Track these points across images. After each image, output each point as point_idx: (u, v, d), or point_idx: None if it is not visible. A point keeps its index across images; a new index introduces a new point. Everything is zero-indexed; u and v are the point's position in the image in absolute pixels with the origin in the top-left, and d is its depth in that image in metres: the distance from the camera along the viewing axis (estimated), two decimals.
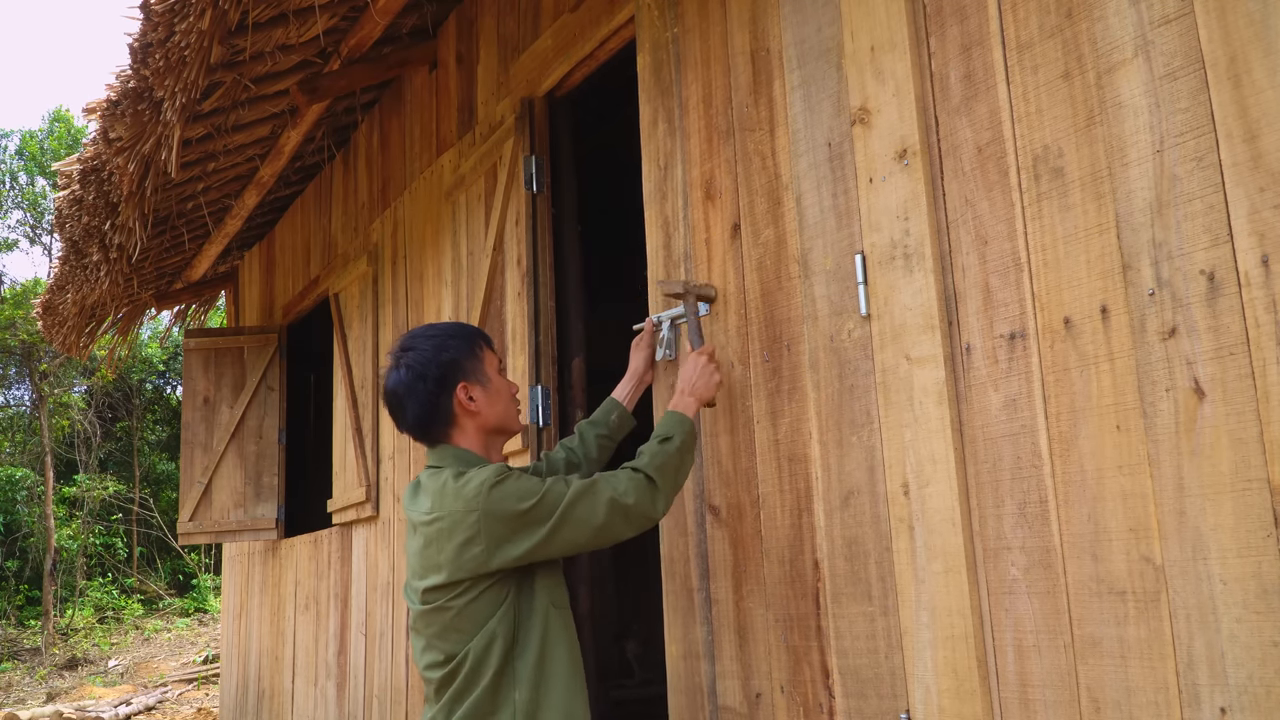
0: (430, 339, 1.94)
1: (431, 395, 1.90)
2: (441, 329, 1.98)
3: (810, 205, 2.02)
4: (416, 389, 1.90)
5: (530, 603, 1.82)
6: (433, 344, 1.92)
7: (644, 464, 1.89)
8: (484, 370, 1.95)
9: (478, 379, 1.93)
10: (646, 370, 2.36)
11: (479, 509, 1.74)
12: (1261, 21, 1.34)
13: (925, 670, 1.70)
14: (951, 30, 1.77)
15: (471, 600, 1.77)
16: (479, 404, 1.93)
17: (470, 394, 1.92)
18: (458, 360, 1.92)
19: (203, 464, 5.63)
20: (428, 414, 1.91)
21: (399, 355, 1.94)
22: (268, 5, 3.29)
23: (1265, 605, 1.29)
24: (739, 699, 2.10)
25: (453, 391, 1.90)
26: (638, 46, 2.61)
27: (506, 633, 1.78)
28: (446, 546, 1.77)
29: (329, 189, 5.22)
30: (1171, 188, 1.42)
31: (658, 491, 1.87)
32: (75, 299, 5.31)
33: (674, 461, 1.92)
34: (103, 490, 15.91)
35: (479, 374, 1.94)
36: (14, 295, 15.82)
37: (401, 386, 1.91)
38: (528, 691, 1.76)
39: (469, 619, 1.78)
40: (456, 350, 1.93)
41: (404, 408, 1.92)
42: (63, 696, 11.19)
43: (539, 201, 3.20)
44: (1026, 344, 1.60)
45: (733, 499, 2.16)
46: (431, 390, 1.90)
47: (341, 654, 4.54)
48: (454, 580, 1.77)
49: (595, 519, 1.79)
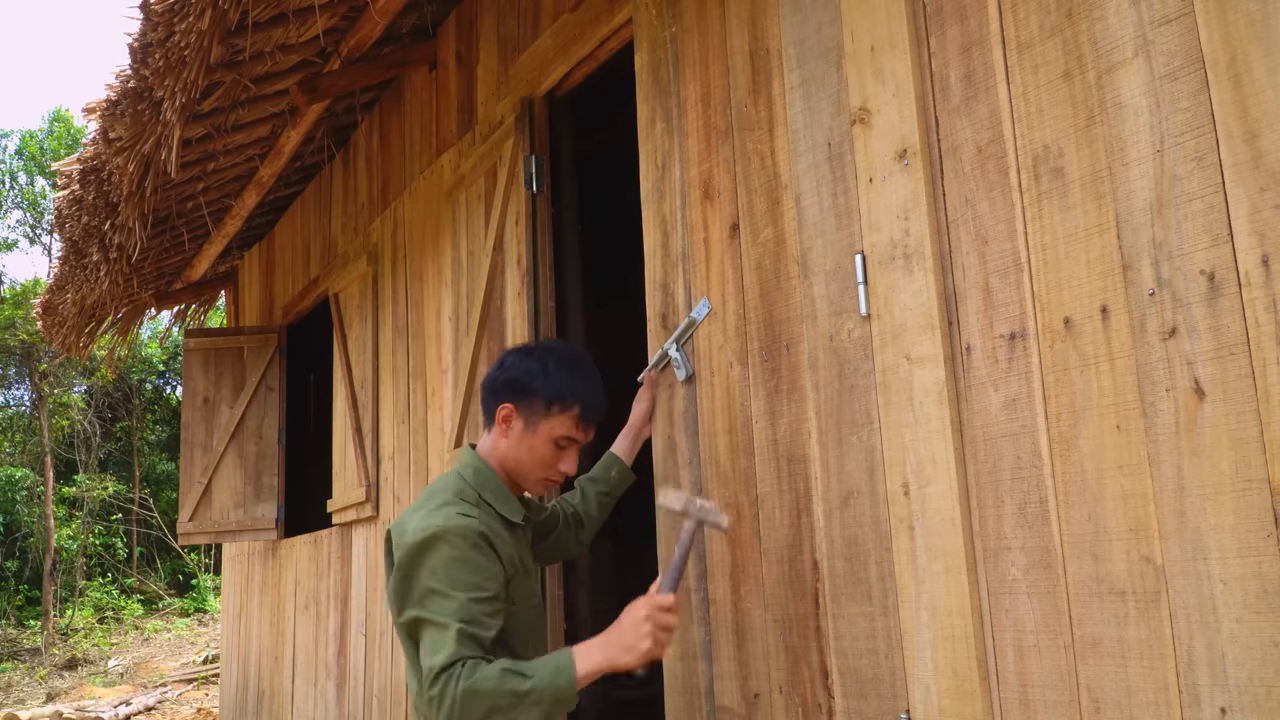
0: (546, 357, 1.95)
1: (492, 387, 1.98)
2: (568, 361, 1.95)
3: (810, 205, 2.02)
4: (492, 373, 1.99)
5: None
6: (535, 361, 1.95)
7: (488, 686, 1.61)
8: (539, 422, 1.92)
9: (526, 419, 1.93)
10: (645, 424, 2.36)
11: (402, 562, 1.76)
12: (1261, 21, 1.34)
13: (925, 670, 1.70)
14: (951, 30, 1.77)
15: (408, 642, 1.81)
16: (510, 436, 1.94)
17: (509, 421, 1.94)
18: (528, 388, 1.93)
19: (203, 464, 5.63)
20: (486, 401, 1.99)
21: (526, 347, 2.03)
22: (268, 5, 3.29)
23: (1265, 605, 1.29)
24: (737, 699, 2.09)
25: (501, 402, 1.95)
26: (635, 45, 2.61)
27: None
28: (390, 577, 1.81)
29: (329, 189, 5.22)
30: (1172, 188, 1.42)
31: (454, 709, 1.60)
32: (75, 299, 5.31)
33: (505, 703, 1.61)
34: (102, 490, 15.91)
35: (531, 419, 1.93)
36: (14, 295, 15.82)
37: (496, 366, 2.00)
38: None
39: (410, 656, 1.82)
40: (536, 384, 1.92)
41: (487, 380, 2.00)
42: (63, 696, 11.19)
43: (539, 201, 3.20)
44: (1026, 344, 1.60)
45: (731, 499, 2.16)
46: (494, 384, 1.98)
47: (341, 654, 4.53)
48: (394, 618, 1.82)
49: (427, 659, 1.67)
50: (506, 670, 1.63)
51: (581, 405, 1.92)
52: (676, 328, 2.33)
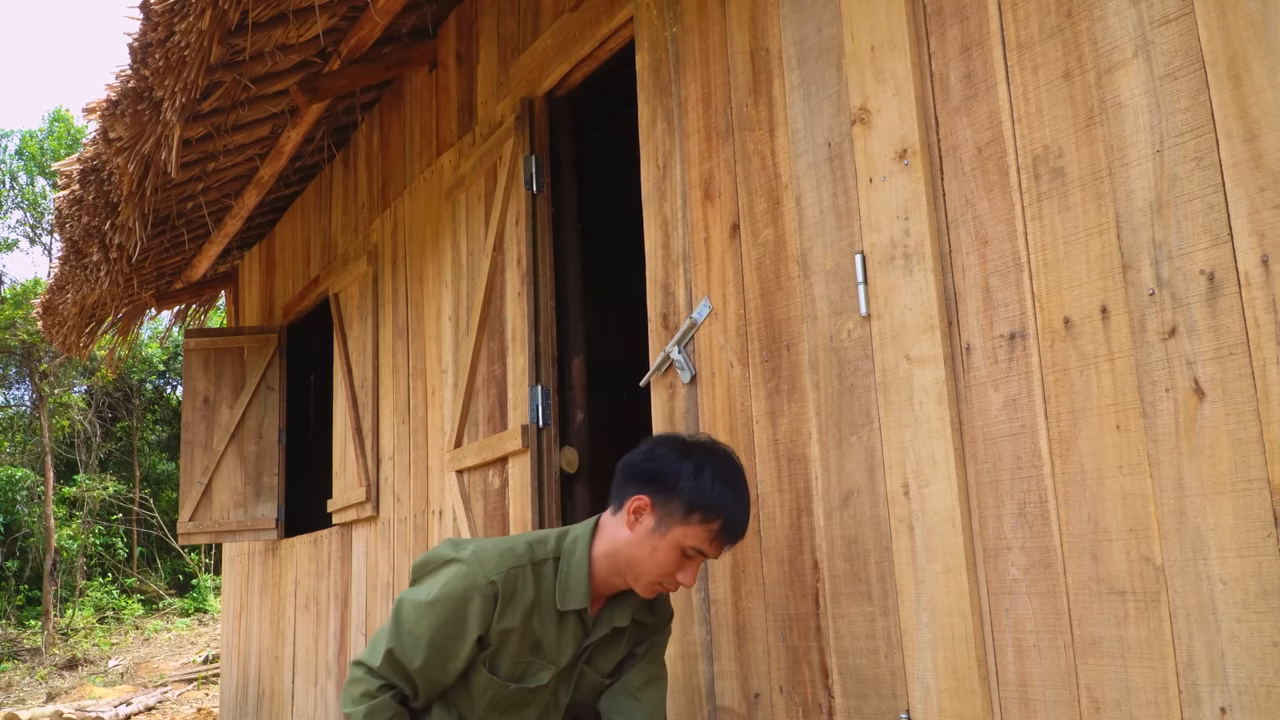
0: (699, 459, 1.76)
1: (631, 471, 1.81)
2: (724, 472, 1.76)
3: (810, 205, 2.02)
4: (636, 456, 1.82)
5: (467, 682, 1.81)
6: (691, 462, 1.75)
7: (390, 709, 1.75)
8: (674, 525, 1.74)
9: (659, 519, 1.75)
10: None
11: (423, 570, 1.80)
12: (1261, 21, 1.34)
13: (925, 670, 1.70)
14: (951, 30, 1.77)
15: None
16: (636, 530, 1.77)
17: (640, 515, 1.77)
18: (673, 488, 1.74)
19: (203, 464, 5.63)
20: (621, 483, 1.83)
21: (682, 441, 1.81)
22: (268, 5, 3.29)
23: (1265, 605, 1.29)
24: (737, 699, 2.09)
25: (635, 493, 1.78)
26: (636, 46, 2.61)
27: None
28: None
29: (329, 189, 5.22)
30: (1171, 188, 1.42)
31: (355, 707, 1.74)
32: (75, 299, 5.31)
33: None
34: (103, 490, 15.91)
35: (666, 520, 1.75)
36: (14, 295, 15.82)
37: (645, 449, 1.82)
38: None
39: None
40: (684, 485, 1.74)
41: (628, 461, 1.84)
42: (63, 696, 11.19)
43: (539, 201, 3.20)
44: (1026, 344, 1.60)
45: None
46: (634, 469, 1.80)
47: (341, 654, 4.53)
48: None
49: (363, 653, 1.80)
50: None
51: (724, 521, 1.73)
52: (678, 329, 2.33)
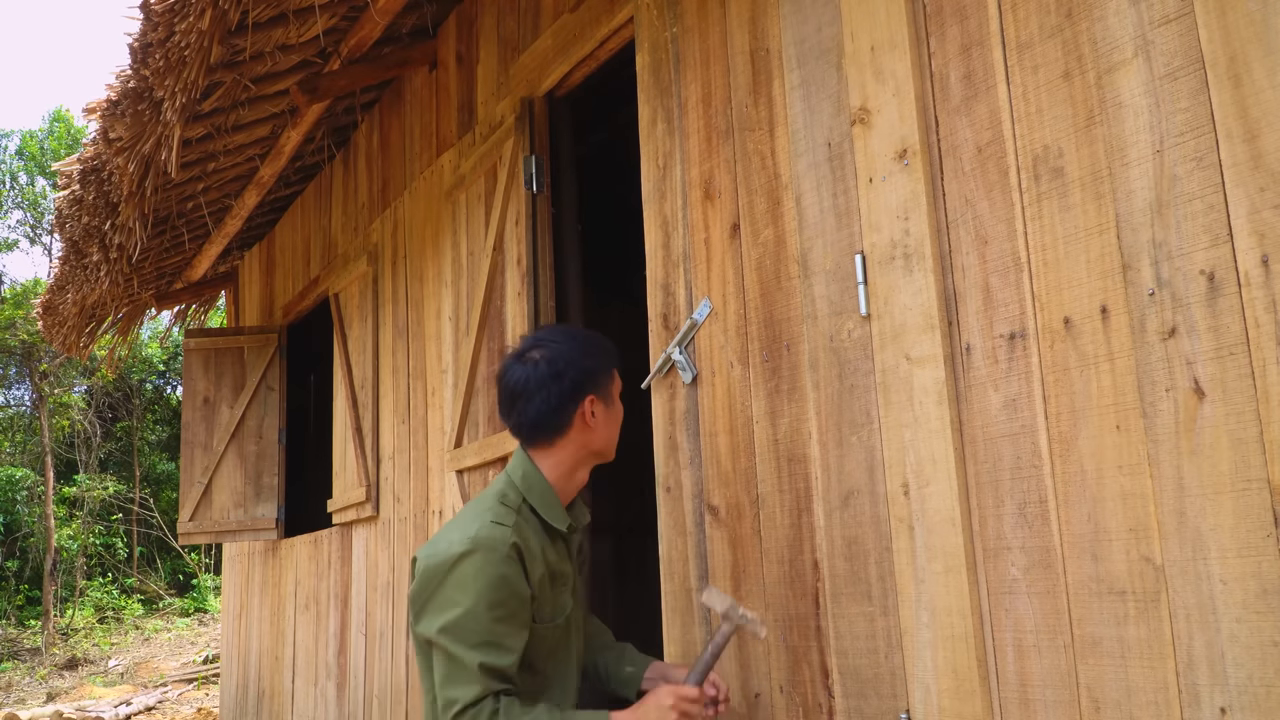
0: (573, 340, 1.85)
1: (562, 397, 1.81)
2: (584, 333, 1.89)
3: (810, 205, 2.02)
4: (550, 387, 1.81)
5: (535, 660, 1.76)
6: (577, 346, 1.84)
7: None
8: (611, 390, 1.89)
9: (605, 397, 1.86)
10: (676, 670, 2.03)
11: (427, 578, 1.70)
12: (1261, 21, 1.34)
13: (925, 670, 1.70)
14: (951, 30, 1.77)
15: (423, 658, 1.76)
16: (598, 422, 1.85)
17: (594, 409, 1.84)
18: (595, 371, 1.84)
19: (203, 464, 5.63)
20: (549, 416, 1.82)
21: (532, 347, 1.85)
22: (268, 5, 3.29)
23: (1265, 605, 1.29)
24: (737, 699, 2.10)
25: (581, 401, 1.83)
26: (637, 46, 2.61)
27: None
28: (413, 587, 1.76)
29: (329, 189, 5.22)
30: (1171, 188, 1.42)
31: None
32: (75, 299, 5.31)
33: None
34: (103, 490, 15.91)
35: (608, 392, 1.87)
36: (14, 295, 15.82)
37: (533, 380, 1.81)
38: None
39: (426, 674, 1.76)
40: (598, 360, 1.85)
41: (528, 401, 1.82)
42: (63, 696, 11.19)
43: (539, 201, 3.20)
44: (1026, 344, 1.60)
45: (731, 499, 2.16)
46: (564, 392, 1.81)
47: (341, 654, 4.54)
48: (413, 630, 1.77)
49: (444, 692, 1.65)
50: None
51: (614, 352, 1.88)
52: (679, 329, 2.33)
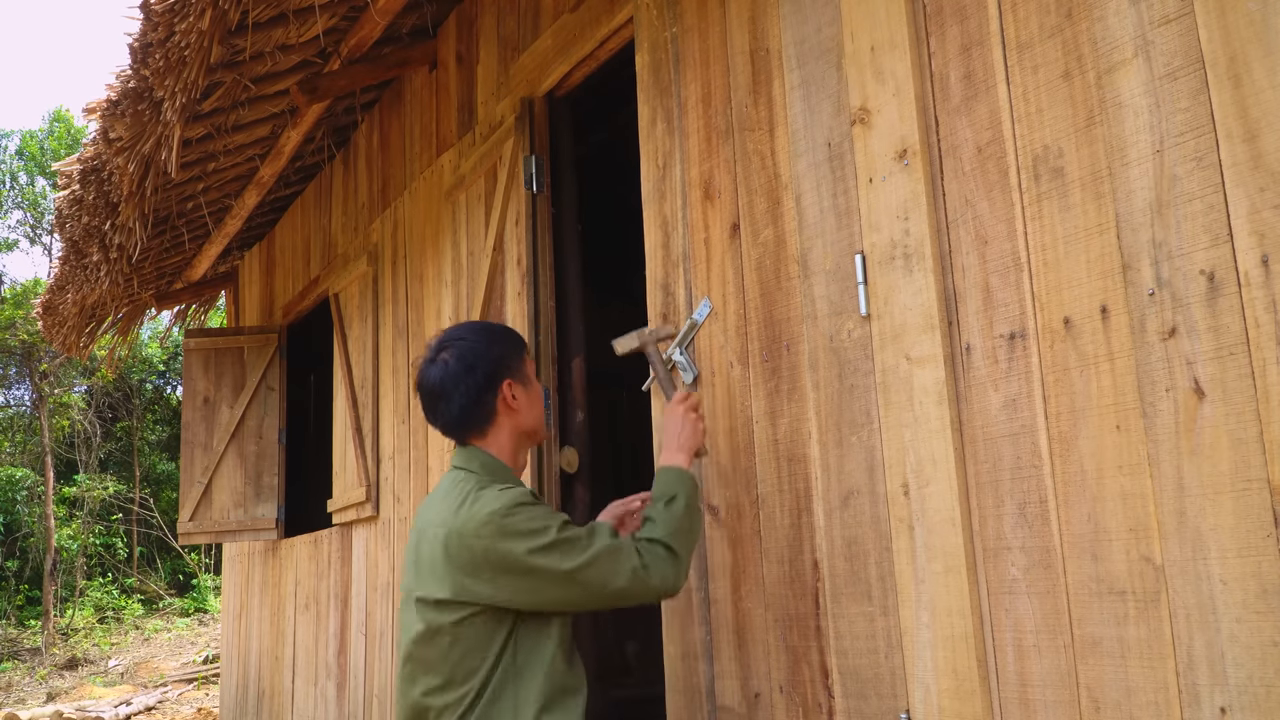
0: (479, 333, 1.94)
1: (479, 389, 1.88)
2: (487, 325, 1.99)
3: (810, 205, 2.02)
4: (465, 381, 1.87)
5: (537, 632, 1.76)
6: (482, 338, 1.92)
7: (659, 534, 1.82)
8: (525, 372, 1.96)
9: (521, 379, 1.94)
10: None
11: (488, 537, 1.70)
12: (1261, 21, 1.34)
13: (925, 670, 1.70)
14: (951, 30, 1.77)
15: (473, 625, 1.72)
16: (520, 404, 1.93)
17: (514, 392, 1.92)
18: (505, 357, 1.92)
19: (203, 464, 5.63)
20: (471, 408, 1.88)
21: (442, 347, 1.91)
22: (268, 5, 3.29)
23: (1265, 605, 1.29)
24: (738, 699, 2.09)
25: (499, 387, 1.90)
26: (636, 46, 2.61)
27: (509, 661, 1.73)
28: (450, 565, 1.73)
29: (329, 189, 5.22)
30: (1171, 188, 1.42)
31: (679, 562, 1.81)
32: (75, 299, 5.31)
33: (686, 524, 1.86)
34: (103, 490, 15.91)
35: (522, 374, 1.95)
36: (14, 295, 15.82)
37: (448, 377, 1.88)
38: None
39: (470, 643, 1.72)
40: (505, 347, 1.94)
41: (447, 400, 1.88)
42: (63, 696, 11.19)
43: (539, 201, 3.20)
44: (1026, 344, 1.60)
45: (731, 499, 2.16)
46: (480, 384, 1.88)
47: (341, 654, 4.54)
48: (455, 600, 1.72)
49: (613, 584, 1.72)
50: (661, 516, 1.85)
51: (520, 337, 1.99)
52: (678, 330, 2.33)
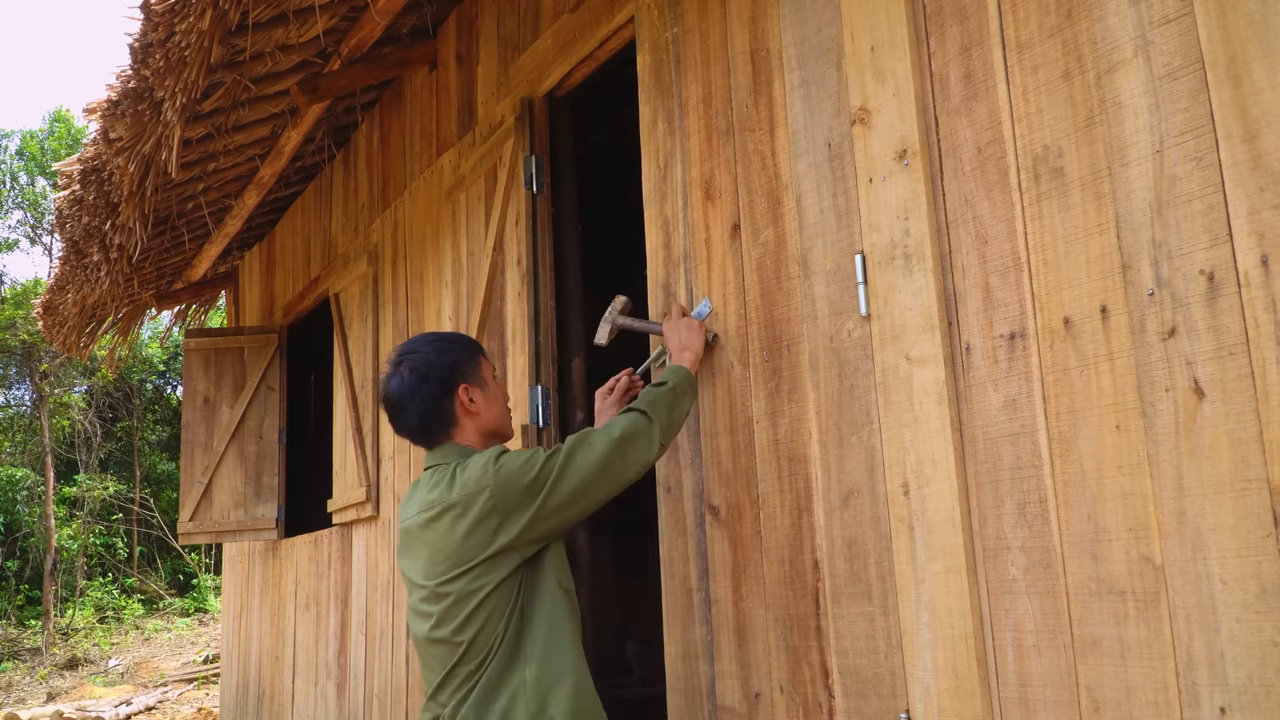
0: (431, 344, 2.02)
1: (435, 397, 1.96)
2: (439, 335, 2.07)
3: (810, 205, 2.02)
4: (420, 391, 1.96)
5: (539, 582, 1.86)
6: (434, 348, 2.01)
7: (636, 403, 1.99)
8: (482, 375, 2.04)
9: (477, 382, 2.02)
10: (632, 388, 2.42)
11: (489, 485, 1.80)
12: (1261, 21, 1.34)
13: (925, 670, 1.70)
14: (951, 30, 1.77)
15: (486, 581, 1.81)
16: (479, 405, 2.01)
17: (471, 395, 1.99)
18: (459, 363, 2.00)
19: (203, 464, 5.63)
20: (430, 415, 1.97)
21: (399, 360, 2.01)
22: (268, 5, 3.29)
23: (1265, 605, 1.29)
24: (738, 699, 2.10)
25: (454, 393, 1.98)
26: (638, 46, 2.61)
27: (516, 612, 1.82)
28: (459, 530, 1.81)
29: (329, 189, 5.22)
30: (1171, 188, 1.42)
31: (652, 425, 1.95)
32: (75, 299, 5.31)
33: (668, 399, 2.01)
34: (103, 490, 15.91)
35: (478, 378, 2.03)
36: (14, 295, 15.83)
37: (406, 389, 1.97)
38: (536, 669, 1.79)
39: (480, 602, 1.80)
40: (457, 354, 2.01)
41: (406, 410, 1.97)
42: (63, 696, 11.19)
43: (539, 201, 3.20)
44: (1026, 344, 1.60)
45: (732, 499, 2.16)
46: (435, 392, 1.96)
47: (341, 654, 4.54)
48: (471, 564, 1.81)
49: (592, 460, 1.86)
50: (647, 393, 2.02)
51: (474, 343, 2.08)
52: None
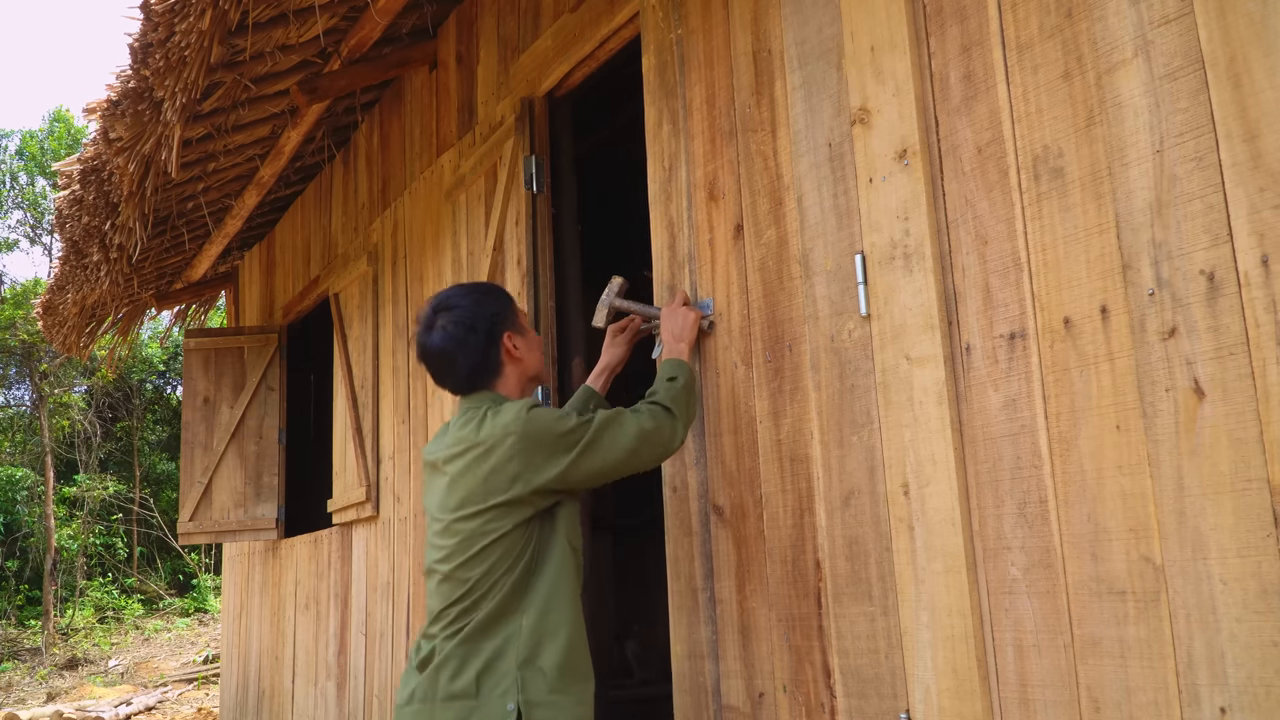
0: (467, 295, 2.06)
1: (483, 347, 2.01)
2: (473, 286, 2.11)
3: (811, 205, 2.02)
4: (469, 342, 2.00)
5: (551, 536, 1.90)
6: (472, 299, 2.05)
7: (659, 398, 2.03)
8: (520, 321, 2.10)
9: (517, 329, 2.08)
10: (621, 363, 2.44)
11: (516, 431, 1.85)
12: (1261, 21, 1.34)
13: (925, 670, 1.71)
14: (951, 30, 1.77)
15: (498, 525, 1.85)
16: (522, 351, 2.07)
17: (514, 343, 2.05)
18: (501, 312, 2.06)
19: (203, 464, 5.63)
20: (480, 365, 2.01)
21: (436, 315, 2.03)
22: (268, 5, 3.29)
23: (1265, 605, 1.29)
24: (742, 698, 2.10)
25: (500, 342, 2.03)
26: (643, 48, 2.61)
27: (525, 561, 1.86)
28: (480, 470, 1.86)
29: (329, 189, 5.22)
30: (1171, 188, 1.43)
31: (676, 421, 2.00)
32: (75, 299, 5.31)
33: (684, 396, 2.07)
34: (103, 490, 15.90)
35: (517, 325, 2.09)
36: (14, 295, 15.82)
37: (451, 342, 2.00)
38: (534, 618, 1.83)
39: (493, 543, 1.85)
40: (497, 303, 2.07)
41: (454, 362, 2.01)
42: (63, 696, 11.19)
43: (539, 201, 3.20)
44: (1026, 344, 1.60)
45: (736, 499, 2.16)
46: (483, 342, 2.01)
47: (341, 654, 4.54)
48: (485, 506, 1.85)
49: (622, 444, 1.91)
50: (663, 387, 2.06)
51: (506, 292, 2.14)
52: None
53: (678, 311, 2.26)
